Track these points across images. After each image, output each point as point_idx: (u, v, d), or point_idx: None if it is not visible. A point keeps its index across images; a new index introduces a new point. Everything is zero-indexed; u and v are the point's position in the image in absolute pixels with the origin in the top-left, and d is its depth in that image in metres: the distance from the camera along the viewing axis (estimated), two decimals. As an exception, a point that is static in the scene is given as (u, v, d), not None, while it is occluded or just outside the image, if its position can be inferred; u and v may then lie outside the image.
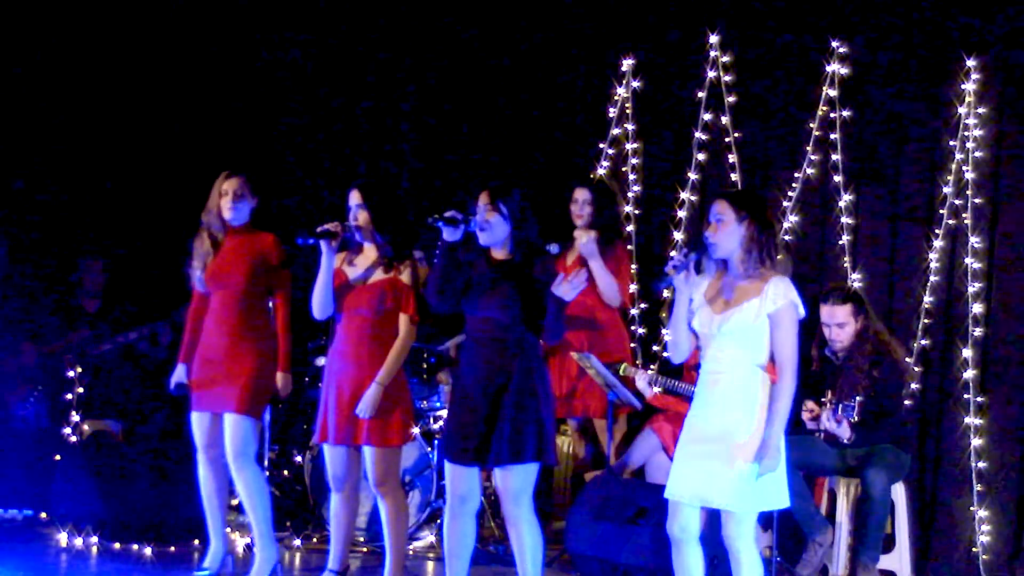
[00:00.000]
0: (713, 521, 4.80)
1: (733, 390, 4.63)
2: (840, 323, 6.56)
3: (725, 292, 4.68)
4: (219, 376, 5.89)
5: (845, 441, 6.42)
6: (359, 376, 5.59)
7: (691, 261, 4.71)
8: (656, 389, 6.90)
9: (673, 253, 4.86)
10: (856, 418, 6.30)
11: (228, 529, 6.30)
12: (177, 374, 6.06)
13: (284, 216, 8.01)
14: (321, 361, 5.98)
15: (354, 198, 5.68)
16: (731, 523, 4.65)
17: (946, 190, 6.97)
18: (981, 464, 6.76)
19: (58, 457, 7.34)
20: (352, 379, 5.60)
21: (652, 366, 7.27)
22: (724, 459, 4.59)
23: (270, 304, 6.03)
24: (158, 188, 8.51)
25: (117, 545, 6.90)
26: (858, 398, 6.35)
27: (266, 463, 7.35)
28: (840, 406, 6.29)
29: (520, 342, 5.08)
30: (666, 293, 7.21)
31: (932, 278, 6.99)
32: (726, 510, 4.64)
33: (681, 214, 7.76)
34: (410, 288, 5.60)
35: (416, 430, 7.07)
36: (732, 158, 7.66)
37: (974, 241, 6.88)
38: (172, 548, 6.89)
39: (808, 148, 7.37)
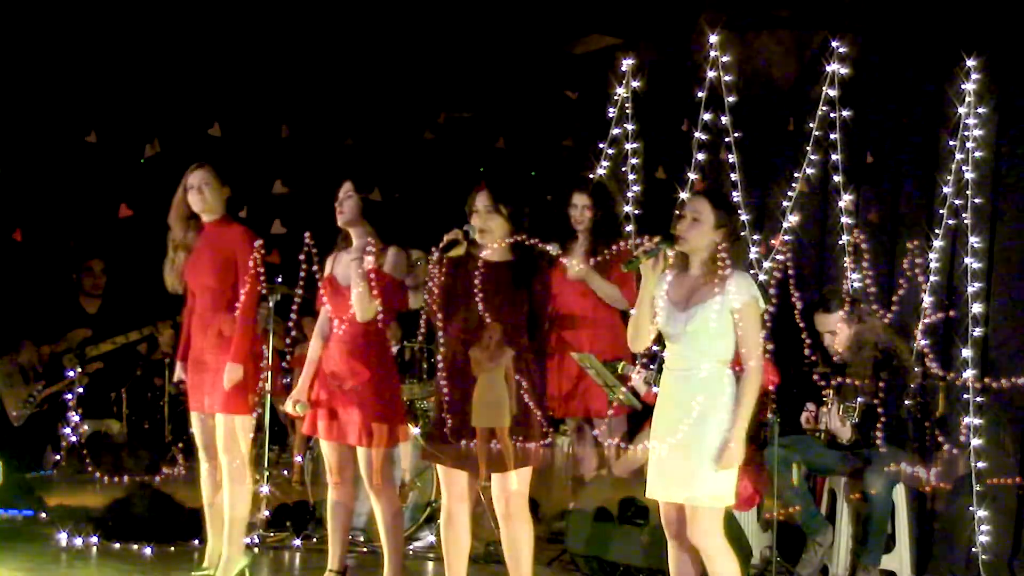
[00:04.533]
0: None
1: (698, 387, 4.64)
2: (831, 331, 6.58)
3: (687, 290, 4.69)
4: (207, 376, 5.87)
5: (845, 442, 6.42)
6: (349, 375, 5.60)
7: (661, 248, 4.72)
8: (656, 388, 6.89)
9: (646, 239, 4.84)
10: (857, 420, 6.31)
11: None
12: (176, 373, 6.06)
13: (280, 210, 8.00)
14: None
15: (345, 189, 5.68)
16: (695, 520, 4.64)
17: (946, 190, 6.95)
18: (981, 464, 6.74)
19: (58, 457, 7.34)
20: (344, 375, 5.61)
21: (652, 365, 7.26)
22: (689, 456, 4.60)
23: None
24: (158, 188, 8.50)
25: (117, 545, 6.90)
26: (859, 399, 6.35)
27: (266, 463, 7.36)
28: (842, 408, 6.30)
29: (513, 344, 5.08)
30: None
31: (932, 278, 6.98)
32: (690, 506, 4.64)
33: (681, 214, 7.75)
34: (386, 276, 5.55)
35: (415, 430, 7.08)
36: (732, 158, 7.65)
37: (974, 241, 6.87)
38: (172, 548, 6.89)
39: (808, 148, 7.36)
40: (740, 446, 4.63)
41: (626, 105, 8.02)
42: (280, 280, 7.30)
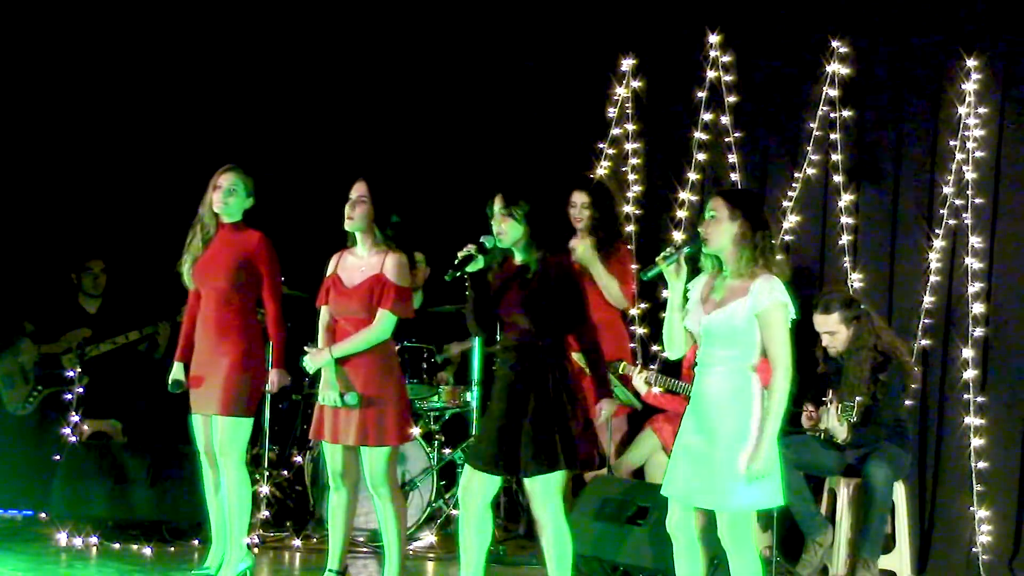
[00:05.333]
0: (714, 520, 4.79)
1: (722, 390, 4.61)
2: (830, 331, 6.58)
3: (716, 291, 4.67)
4: (207, 376, 5.88)
5: (841, 442, 6.43)
6: (355, 375, 5.59)
7: (681, 253, 4.71)
8: (657, 389, 6.90)
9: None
10: (855, 419, 6.31)
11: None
12: (173, 372, 6.04)
13: (283, 215, 7.98)
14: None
15: (359, 192, 5.65)
16: (722, 524, 4.62)
17: (946, 190, 6.96)
18: (981, 464, 6.76)
19: (58, 457, 7.34)
20: (350, 378, 5.59)
21: (652, 366, 7.27)
22: (711, 459, 4.57)
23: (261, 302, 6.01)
24: (158, 187, 8.51)
25: (117, 545, 6.90)
26: (858, 398, 6.34)
27: (266, 463, 7.36)
28: (840, 407, 6.30)
29: (545, 347, 5.04)
30: (665, 293, 7.20)
31: (932, 278, 6.99)
32: (716, 511, 4.62)
33: (681, 214, 7.76)
34: (392, 284, 5.57)
35: (416, 431, 7.08)
36: (732, 158, 7.66)
37: (974, 241, 6.88)
38: (172, 548, 6.89)
39: (808, 148, 7.37)
40: (769, 454, 4.50)
41: (626, 105, 8.03)
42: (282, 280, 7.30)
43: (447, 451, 7.49)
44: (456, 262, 5.06)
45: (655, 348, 7.67)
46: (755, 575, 4.60)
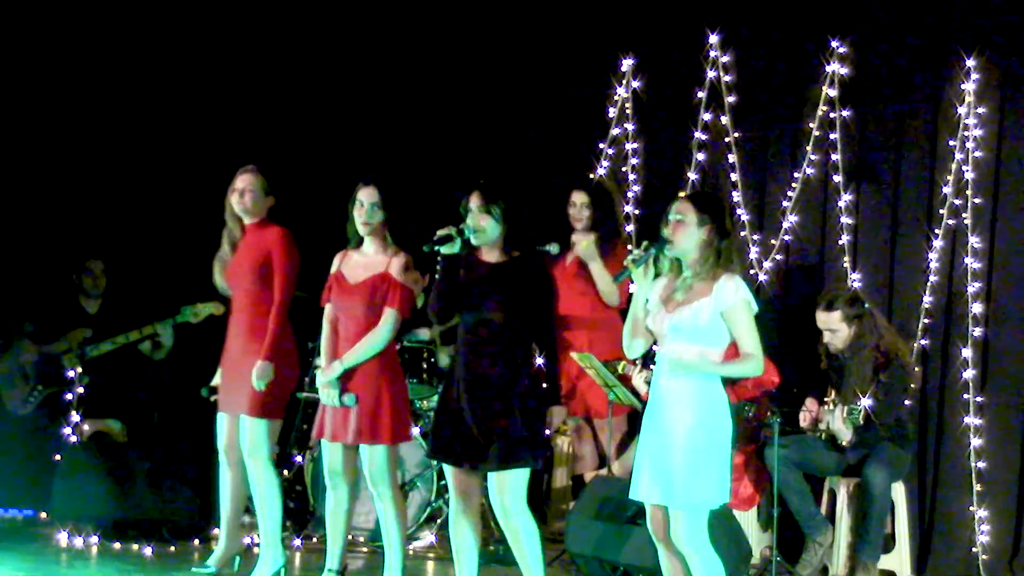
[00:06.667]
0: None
1: (681, 389, 4.63)
2: (831, 329, 6.59)
3: (678, 292, 4.70)
4: (236, 377, 5.89)
5: (844, 443, 6.43)
6: (353, 373, 5.59)
7: (650, 255, 4.75)
8: (655, 389, 6.89)
9: (633, 248, 4.90)
10: (862, 422, 6.31)
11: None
12: (215, 378, 6.07)
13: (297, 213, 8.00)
14: (320, 361, 5.96)
15: (370, 195, 5.65)
16: (675, 522, 4.63)
17: (946, 190, 6.96)
18: (981, 464, 6.75)
19: (58, 457, 7.35)
20: (347, 376, 5.60)
21: (652, 365, 7.26)
22: (667, 456, 4.59)
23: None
24: (159, 187, 8.51)
25: (117, 545, 6.90)
26: (866, 403, 6.33)
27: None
28: (847, 410, 6.29)
29: (513, 345, 5.09)
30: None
31: (932, 278, 6.98)
32: (672, 508, 4.64)
33: (681, 214, 7.75)
34: (398, 282, 5.59)
35: (416, 430, 7.09)
36: (732, 158, 7.66)
37: (974, 241, 6.88)
38: (172, 548, 6.90)
39: (808, 148, 7.36)
40: (690, 361, 4.63)
41: (626, 105, 8.03)
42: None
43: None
44: (435, 238, 5.09)
45: (655, 348, 7.65)
46: (717, 573, 4.61)
